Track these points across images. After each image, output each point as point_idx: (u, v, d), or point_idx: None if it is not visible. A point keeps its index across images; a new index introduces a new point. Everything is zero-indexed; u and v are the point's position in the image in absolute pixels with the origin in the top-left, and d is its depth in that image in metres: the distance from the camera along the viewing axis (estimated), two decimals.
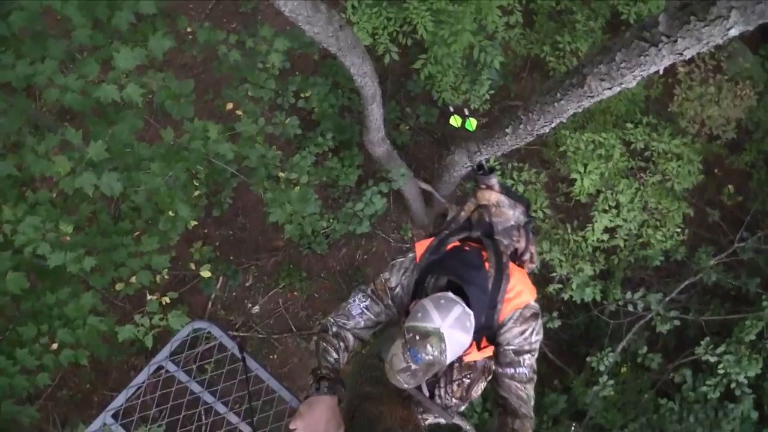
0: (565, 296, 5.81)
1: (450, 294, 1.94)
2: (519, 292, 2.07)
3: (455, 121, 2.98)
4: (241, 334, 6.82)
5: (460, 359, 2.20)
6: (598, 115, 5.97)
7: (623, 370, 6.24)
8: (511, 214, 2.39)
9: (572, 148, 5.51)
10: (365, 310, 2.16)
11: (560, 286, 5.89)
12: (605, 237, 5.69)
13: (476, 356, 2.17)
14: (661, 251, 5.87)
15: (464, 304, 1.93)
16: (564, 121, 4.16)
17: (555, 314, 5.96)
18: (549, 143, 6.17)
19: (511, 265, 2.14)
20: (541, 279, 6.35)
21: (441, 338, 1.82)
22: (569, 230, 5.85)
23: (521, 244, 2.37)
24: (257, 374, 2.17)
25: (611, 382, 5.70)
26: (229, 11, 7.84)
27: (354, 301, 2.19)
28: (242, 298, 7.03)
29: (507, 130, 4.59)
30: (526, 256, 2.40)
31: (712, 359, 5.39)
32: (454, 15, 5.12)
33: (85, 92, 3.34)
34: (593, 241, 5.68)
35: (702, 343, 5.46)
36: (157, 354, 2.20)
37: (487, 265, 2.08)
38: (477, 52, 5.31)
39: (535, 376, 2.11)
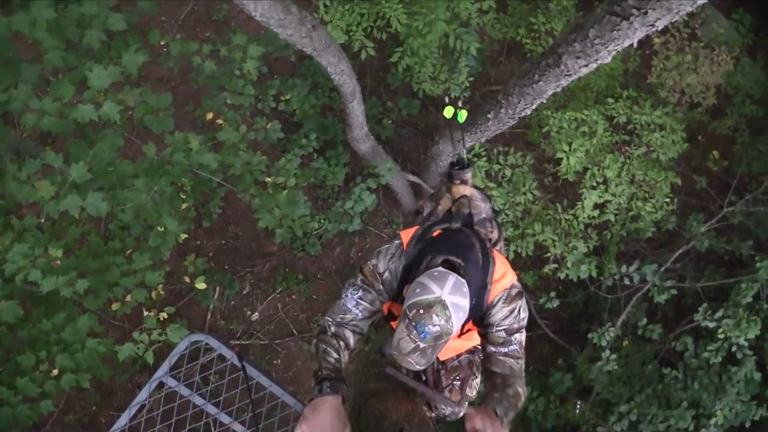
0: (561, 275, 5.84)
1: (440, 267, 1.98)
2: (504, 273, 2.13)
3: (448, 112, 3.06)
4: (243, 342, 6.81)
5: (443, 365, 2.34)
6: (579, 92, 5.98)
7: (625, 343, 6.28)
8: (483, 207, 2.49)
9: (555, 128, 5.53)
10: (360, 301, 2.17)
11: (555, 265, 5.91)
12: (596, 213, 5.72)
13: (458, 347, 2.30)
14: (652, 222, 5.91)
15: (455, 273, 1.95)
16: (544, 101, 4.17)
17: (553, 294, 5.99)
18: (532, 125, 6.18)
19: (495, 252, 2.21)
20: (536, 260, 6.38)
21: (444, 305, 1.84)
22: (559, 210, 5.88)
23: (494, 235, 2.45)
24: (258, 381, 2.17)
25: (614, 356, 5.73)
26: (202, 20, 7.80)
27: (347, 295, 2.20)
28: (241, 306, 7.02)
29: (489, 116, 4.59)
30: (498, 246, 2.46)
31: (712, 325, 5.43)
32: (427, 5, 5.11)
33: (62, 115, 3.32)
34: (584, 218, 5.71)
35: (700, 309, 5.50)
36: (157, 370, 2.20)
37: (477, 250, 2.12)
38: (452, 41, 5.30)
39: (523, 354, 2.22)
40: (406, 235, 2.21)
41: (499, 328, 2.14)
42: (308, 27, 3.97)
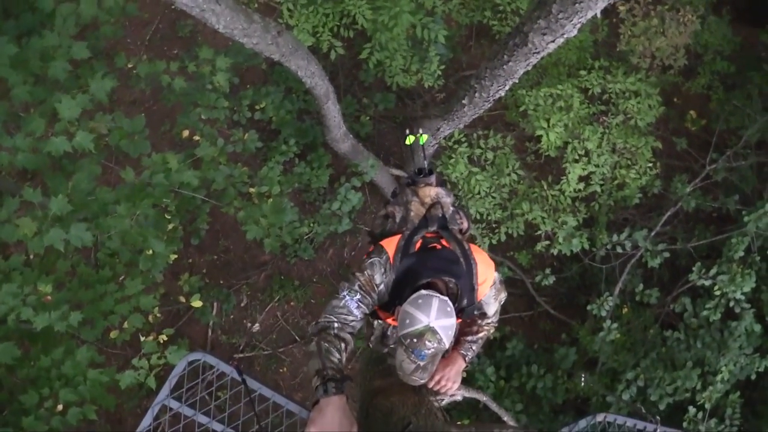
0: (554, 251, 5.87)
1: (422, 291, 2.09)
2: (486, 275, 2.32)
3: (409, 140, 3.21)
4: (247, 354, 6.80)
5: None
6: (551, 68, 6.00)
7: (624, 311, 6.32)
8: (449, 201, 2.63)
9: (532, 106, 5.54)
10: (360, 304, 2.23)
11: (548, 242, 5.94)
12: (581, 186, 5.76)
13: None
14: (637, 189, 5.95)
15: (437, 294, 2.08)
16: (517, 81, 4.19)
17: (548, 271, 6.01)
18: (509, 106, 6.19)
19: (471, 247, 2.36)
20: (527, 239, 6.40)
21: (434, 331, 2.00)
22: (545, 186, 5.90)
23: (464, 225, 2.62)
24: (261, 393, 2.16)
25: (615, 325, 5.77)
26: (168, 38, 7.74)
27: (346, 297, 2.24)
28: (240, 319, 7.00)
29: (464, 101, 4.61)
30: (468, 233, 2.66)
31: (707, 283, 5.47)
32: None
33: (36, 150, 3.29)
34: (570, 192, 5.74)
35: (694, 269, 5.53)
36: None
37: (459, 258, 2.29)
38: (420, 31, 5.30)
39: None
40: (390, 246, 2.30)
41: (489, 313, 2.51)
42: (273, 33, 3.96)
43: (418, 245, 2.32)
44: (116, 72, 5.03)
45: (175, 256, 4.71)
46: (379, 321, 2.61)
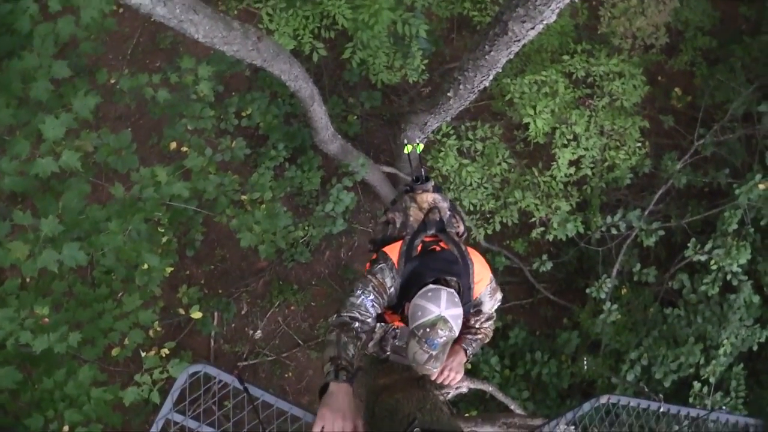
0: (550, 237, 5.88)
1: (431, 285, 2.24)
2: (481, 275, 2.46)
3: (407, 149, 3.47)
4: (251, 362, 6.79)
5: None
6: (534, 55, 6.00)
7: (623, 292, 6.35)
8: (446, 206, 2.75)
9: (518, 94, 5.55)
10: (374, 304, 2.36)
11: (542, 228, 5.95)
12: (572, 170, 5.77)
13: None
14: (628, 169, 5.97)
15: (444, 287, 2.23)
16: (500, 70, 4.19)
17: (545, 257, 6.03)
18: (495, 95, 6.19)
19: (468, 249, 2.50)
20: (522, 227, 6.42)
21: (445, 320, 2.14)
22: (536, 173, 5.91)
23: (461, 228, 2.76)
24: (264, 399, 2.16)
25: (615, 306, 5.79)
26: (149, 51, 7.72)
27: (362, 296, 2.35)
28: (242, 327, 7.00)
29: (449, 94, 4.60)
30: (464, 234, 2.79)
31: (703, 258, 5.50)
32: None
33: (23, 172, 3.27)
34: (562, 177, 5.75)
35: (689, 245, 5.56)
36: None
37: (457, 258, 2.42)
38: (401, 27, 5.29)
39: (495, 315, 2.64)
40: (393, 253, 2.44)
41: (484, 313, 2.58)
42: (253, 39, 3.94)
43: (419, 249, 2.46)
44: (100, 88, 5.02)
45: (171, 268, 4.69)
46: (381, 324, 2.67)
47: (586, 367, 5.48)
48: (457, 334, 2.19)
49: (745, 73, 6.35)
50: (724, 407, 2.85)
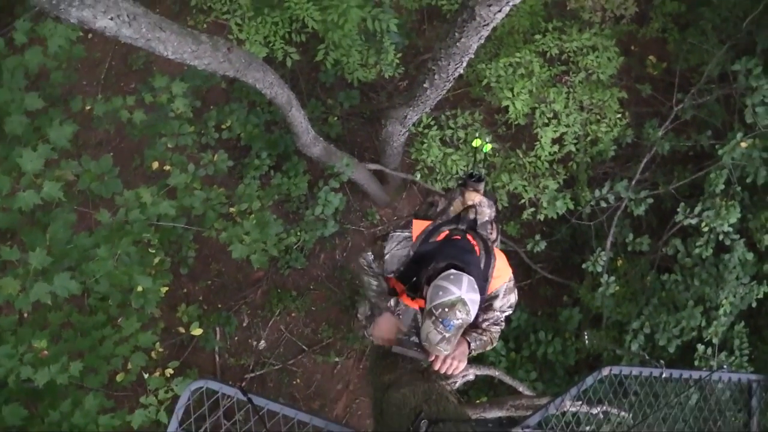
0: (541, 217, 5.89)
1: (453, 270, 2.34)
2: (501, 272, 2.58)
3: (476, 143, 3.58)
4: (257, 373, 6.79)
5: None
6: (506, 37, 6.01)
7: (619, 263, 6.38)
8: (488, 212, 2.90)
9: (494, 78, 5.56)
10: (372, 265, 2.71)
11: (533, 209, 5.96)
12: (556, 148, 5.78)
13: None
14: (611, 141, 5.99)
15: (459, 269, 2.34)
16: (473, 56, 4.19)
17: (538, 237, 6.04)
18: (472, 82, 6.20)
19: (495, 249, 2.62)
20: (513, 210, 6.44)
21: (464, 302, 2.23)
22: (521, 155, 5.93)
23: (493, 236, 2.90)
24: (269, 408, 2.16)
25: (612, 278, 5.82)
26: (123, 73, 7.68)
27: (366, 260, 2.72)
28: (245, 339, 6.99)
29: (425, 85, 4.60)
30: (496, 243, 2.93)
31: (694, 221, 5.53)
32: None
33: (6, 207, 3.25)
34: (546, 156, 5.76)
35: (679, 210, 5.59)
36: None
37: (477, 249, 2.53)
38: (371, 23, 5.28)
39: (504, 321, 2.71)
40: (418, 227, 2.61)
41: (495, 310, 2.65)
42: (224, 51, 3.93)
43: (441, 236, 2.58)
44: (77, 116, 5.00)
45: (166, 288, 4.67)
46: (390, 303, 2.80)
47: (587, 341, 5.50)
48: (472, 319, 2.29)
49: (716, 34, 6.37)
50: (725, 366, 2.87)
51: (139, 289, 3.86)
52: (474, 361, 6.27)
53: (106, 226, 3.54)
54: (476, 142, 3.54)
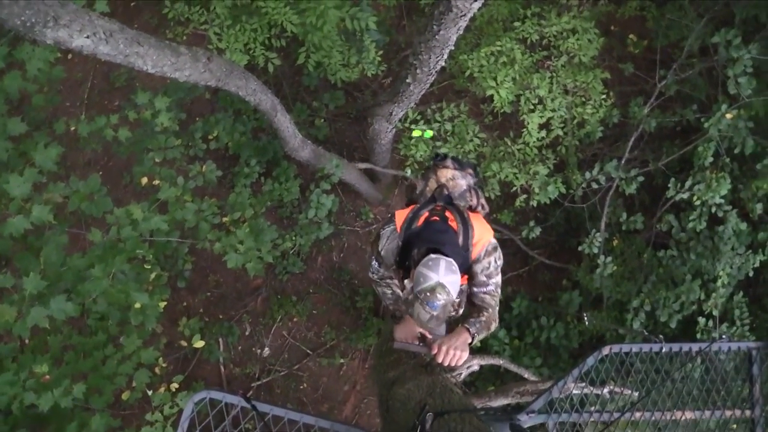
0: (534, 203, 5.91)
1: (431, 255, 2.53)
2: (481, 237, 2.72)
3: (416, 132, 3.78)
4: (264, 380, 6.79)
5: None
6: (486, 27, 6.01)
7: (615, 243, 6.39)
8: (463, 183, 3.11)
9: (477, 68, 5.56)
10: (379, 269, 2.94)
11: (525, 196, 5.98)
12: (543, 134, 5.79)
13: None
14: (597, 122, 6.00)
15: (444, 256, 2.51)
16: (454, 48, 4.20)
17: (532, 224, 6.06)
18: (455, 74, 6.20)
19: (471, 215, 2.80)
20: (506, 198, 6.45)
21: (443, 285, 2.42)
22: (509, 143, 5.94)
23: (474, 202, 3.09)
24: (274, 414, 2.17)
25: (609, 259, 5.84)
26: (106, 92, 7.66)
27: (373, 263, 2.94)
28: (249, 347, 6.98)
29: (408, 80, 4.61)
30: (479, 208, 3.11)
31: (686, 196, 5.55)
32: None
33: None
34: (534, 142, 5.77)
35: (670, 185, 5.61)
36: None
37: (454, 225, 2.70)
38: (350, 23, 5.27)
39: (499, 291, 2.81)
40: (400, 217, 2.82)
41: (481, 275, 2.75)
42: (204, 61, 3.92)
43: (422, 219, 2.77)
44: (63, 137, 4.98)
45: (165, 303, 4.66)
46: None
47: (587, 323, 5.52)
48: (454, 297, 2.46)
49: (694, 8, 6.38)
50: (724, 336, 2.90)
51: (138, 306, 3.85)
52: (478, 351, 6.30)
53: (99, 246, 3.53)
54: (416, 132, 3.77)
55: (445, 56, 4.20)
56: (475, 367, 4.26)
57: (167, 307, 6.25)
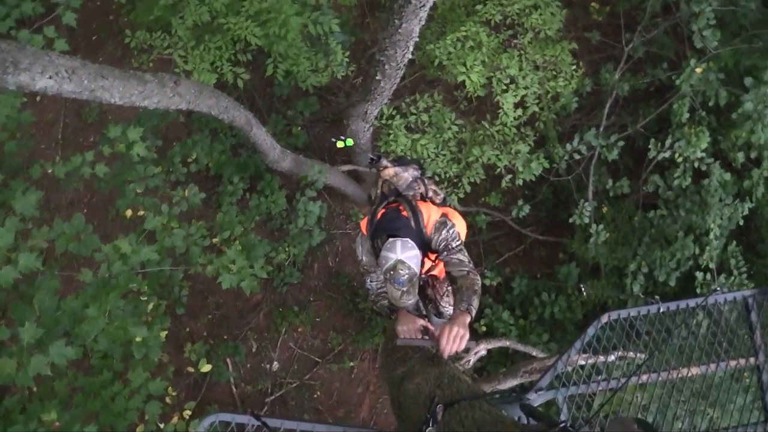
0: (519, 182, 5.93)
1: (390, 239, 2.78)
2: (428, 218, 3.01)
3: (340, 143, 4.30)
4: (277, 394, 6.77)
5: (435, 279, 3.26)
6: (449, 14, 6.02)
7: (605, 210, 6.43)
8: (407, 176, 3.38)
9: (445, 56, 5.56)
10: (371, 282, 3.15)
11: (510, 176, 6.00)
12: (519, 112, 5.81)
13: (436, 269, 3.19)
14: (571, 94, 6.02)
15: (398, 237, 2.77)
16: (418, 39, 4.20)
17: (521, 202, 6.08)
18: (425, 64, 6.20)
19: (419, 203, 3.08)
20: (492, 181, 6.46)
21: (402, 262, 2.67)
22: (487, 126, 5.95)
23: (422, 190, 3.37)
24: (285, 428, 2.17)
25: (601, 226, 5.87)
26: (79, 129, 7.61)
27: (366, 282, 3.17)
28: (257, 364, 6.97)
29: (377, 77, 4.61)
30: (431, 195, 3.41)
31: (667, 154, 5.58)
32: (272, 8, 5.07)
33: None
34: (512, 121, 5.79)
35: (650, 146, 5.64)
36: None
37: (405, 213, 2.98)
38: (313, 28, 5.27)
39: (462, 247, 3.00)
40: (363, 223, 3.08)
41: (440, 243, 2.99)
42: (171, 86, 3.89)
43: (380, 214, 3.03)
44: (43, 180, 4.95)
45: (166, 332, 4.65)
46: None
47: (585, 294, 5.55)
48: (416, 271, 2.71)
49: None
50: (717, 288, 2.93)
51: (139, 339, 3.83)
52: (484, 335, 6.32)
53: (91, 285, 3.51)
54: (339, 144, 4.44)
55: (411, 49, 4.20)
56: (483, 352, 4.27)
57: (170, 335, 6.23)
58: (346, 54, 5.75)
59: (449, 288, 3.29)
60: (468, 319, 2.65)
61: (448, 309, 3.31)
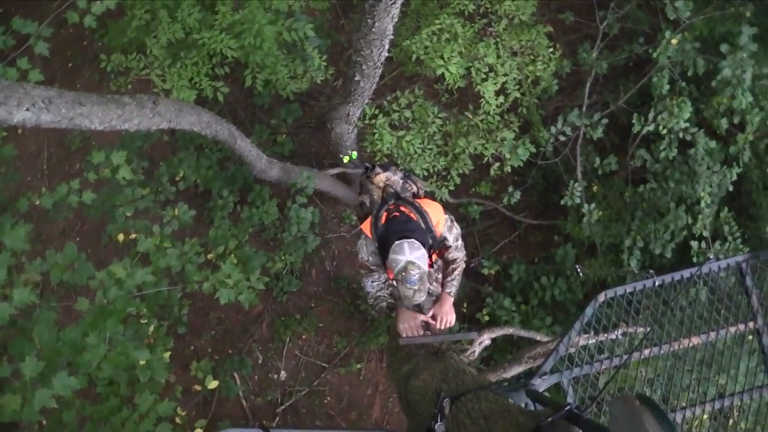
0: (508, 168, 5.94)
1: (396, 241, 2.87)
2: (437, 218, 3.12)
3: (345, 159, 4.49)
4: (287, 403, 6.77)
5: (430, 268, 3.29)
6: (422, 8, 6.02)
7: (595, 189, 6.46)
8: (397, 178, 3.55)
9: (422, 51, 5.56)
10: (371, 282, 3.24)
11: (498, 164, 6.01)
12: (501, 99, 5.82)
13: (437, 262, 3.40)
14: (551, 77, 6.04)
15: (406, 238, 2.86)
16: (393, 36, 4.20)
17: (511, 189, 6.09)
18: (403, 61, 6.20)
19: (420, 202, 3.18)
20: (480, 170, 6.48)
21: (412, 262, 2.78)
22: (471, 116, 5.96)
23: (414, 188, 3.54)
24: None
25: (593, 205, 5.89)
26: (64, 158, 7.57)
27: (364, 284, 3.26)
28: (265, 375, 6.96)
29: (356, 78, 4.61)
30: (420, 192, 3.58)
31: (651, 128, 5.61)
32: (245, 19, 5.06)
33: None
34: (494, 110, 5.80)
35: (634, 121, 5.66)
36: None
37: (412, 215, 3.08)
38: (287, 35, 5.26)
39: (460, 239, 3.26)
40: (366, 227, 3.16)
41: (449, 243, 3.21)
42: (150, 106, 3.88)
43: (384, 218, 3.11)
44: (33, 212, 4.91)
45: (169, 352, 4.63)
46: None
47: (581, 274, 5.57)
48: (426, 269, 2.82)
49: None
50: (711, 257, 2.95)
51: (142, 362, 3.82)
52: (487, 324, 6.33)
53: (89, 313, 3.49)
54: (346, 159, 4.60)
55: (387, 46, 4.21)
56: (487, 342, 4.28)
57: (175, 355, 6.22)
58: (324, 58, 5.74)
59: (438, 276, 3.46)
60: (451, 301, 3.15)
61: (436, 289, 3.49)
